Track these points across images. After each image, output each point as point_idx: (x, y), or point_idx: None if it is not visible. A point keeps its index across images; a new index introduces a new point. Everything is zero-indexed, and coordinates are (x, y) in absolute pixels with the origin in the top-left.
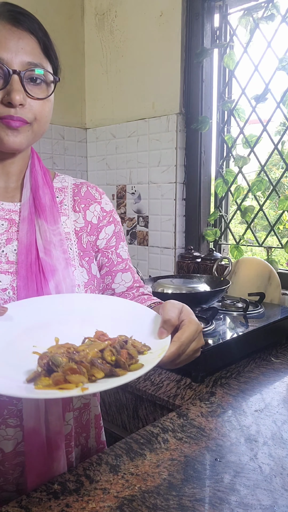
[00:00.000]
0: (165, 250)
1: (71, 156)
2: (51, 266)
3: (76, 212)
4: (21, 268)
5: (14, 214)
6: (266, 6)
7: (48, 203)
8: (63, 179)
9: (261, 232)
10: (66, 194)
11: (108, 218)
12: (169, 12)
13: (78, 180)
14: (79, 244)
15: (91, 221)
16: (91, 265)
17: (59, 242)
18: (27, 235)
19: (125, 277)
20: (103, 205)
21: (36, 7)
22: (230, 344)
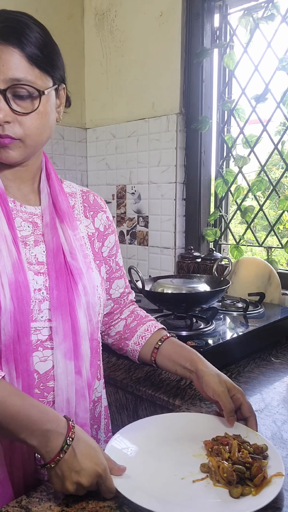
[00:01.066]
0: (165, 250)
1: (71, 156)
2: (78, 269)
3: (87, 218)
4: (51, 270)
5: (36, 217)
6: (266, 6)
7: (67, 209)
8: (70, 184)
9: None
10: (76, 200)
11: (111, 227)
12: (169, 12)
13: (83, 188)
14: (92, 248)
15: (99, 228)
16: (101, 268)
17: (80, 247)
18: (53, 239)
19: (119, 283)
20: (108, 215)
21: (36, 6)
22: (230, 344)
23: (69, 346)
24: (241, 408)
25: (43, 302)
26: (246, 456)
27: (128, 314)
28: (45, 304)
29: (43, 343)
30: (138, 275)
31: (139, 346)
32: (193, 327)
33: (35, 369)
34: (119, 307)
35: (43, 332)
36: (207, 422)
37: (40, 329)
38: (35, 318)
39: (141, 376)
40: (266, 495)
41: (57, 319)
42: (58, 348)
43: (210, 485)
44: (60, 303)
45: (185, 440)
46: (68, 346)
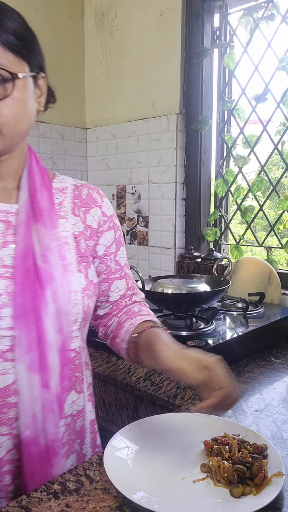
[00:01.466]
0: (165, 250)
1: (71, 156)
2: (48, 273)
3: (75, 215)
4: (18, 273)
5: (11, 216)
6: (266, 6)
7: (46, 207)
8: (63, 179)
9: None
10: (66, 196)
11: (108, 223)
12: (169, 12)
13: (78, 182)
14: (77, 249)
15: (91, 225)
16: (88, 270)
17: (57, 248)
18: (24, 240)
19: (119, 285)
20: (104, 209)
21: (36, 6)
22: (230, 344)
23: (34, 358)
24: None
25: (3, 308)
26: (246, 455)
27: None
28: (5, 311)
29: (4, 354)
30: (138, 275)
31: (124, 343)
32: (193, 327)
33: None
34: (117, 308)
35: (3, 342)
36: (207, 422)
37: (0, 338)
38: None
39: (141, 376)
40: (267, 494)
41: (20, 328)
42: (21, 361)
43: (210, 485)
44: (24, 311)
45: (185, 440)
46: (32, 358)
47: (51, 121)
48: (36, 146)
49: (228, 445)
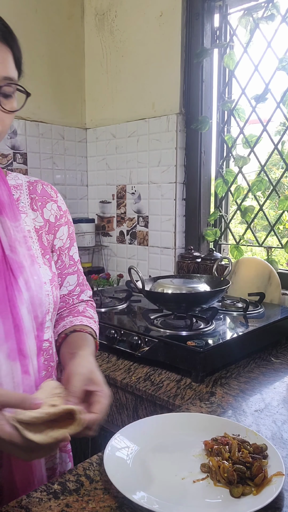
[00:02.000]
0: (165, 250)
1: (71, 156)
2: (18, 263)
3: (34, 210)
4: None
5: None
6: (266, 6)
7: (7, 200)
8: (16, 176)
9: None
10: (21, 192)
11: (64, 218)
12: (169, 12)
13: (31, 178)
14: (40, 242)
15: (49, 219)
16: (51, 263)
17: (23, 239)
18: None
19: (71, 280)
20: (60, 204)
21: (36, 7)
22: (230, 344)
23: (12, 346)
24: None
25: None
26: (246, 455)
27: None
28: None
29: None
30: (138, 275)
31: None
32: (193, 327)
33: None
34: (64, 305)
35: None
36: (207, 422)
37: None
38: None
39: (141, 376)
40: (267, 494)
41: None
42: (0, 350)
43: (210, 485)
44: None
45: (185, 440)
46: (11, 346)
47: (51, 121)
48: (36, 146)
49: (228, 445)
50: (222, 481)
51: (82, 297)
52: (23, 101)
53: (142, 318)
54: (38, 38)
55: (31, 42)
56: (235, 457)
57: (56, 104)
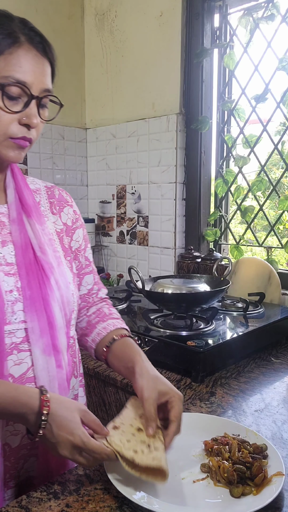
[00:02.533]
0: (165, 250)
1: (71, 156)
2: (48, 263)
3: (53, 214)
4: (21, 268)
5: (3, 216)
6: (266, 6)
7: (32, 204)
8: (33, 180)
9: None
10: (41, 196)
11: (79, 221)
12: (169, 12)
13: (47, 183)
14: (61, 245)
15: (66, 223)
16: (72, 264)
17: (49, 242)
18: (20, 235)
19: (88, 279)
20: (75, 208)
21: (36, 7)
22: (230, 344)
23: (47, 342)
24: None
25: (15, 303)
26: (246, 455)
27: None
28: (18, 306)
29: (18, 345)
30: (138, 275)
31: (94, 344)
32: (193, 327)
33: (9, 373)
34: (86, 305)
35: (17, 335)
36: (207, 422)
37: (14, 331)
38: (9, 321)
39: None
40: (267, 494)
41: (32, 317)
42: (36, 345)
43: (210, 485)
44: (34, 301)
45: (185, 440)
46: (46, 342)
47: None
48: (36, 146)
49: (228, 445)
50: (222, 481)
51: (100, 294)
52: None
53: (142, 318)
54: None
55: None
56: (235, 457)
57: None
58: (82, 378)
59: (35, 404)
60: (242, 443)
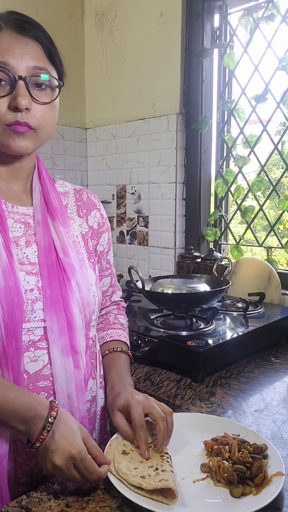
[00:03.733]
0: (165, 250)
1: (71, 156)
2: (70, 265)
3: (80, 217)
4: (43, 269)
5: (28, 217)
6: (266, 6)
7: (58, 207)
8: (63, 184)
9: (261, 232)
10: (69, 199)
11: (106, 225)
12: (169, 12)
13: (76, 186)
14: (86, 247)
15: (92, 226)
16: (95, 266)
17: (73, 244)
18: (44, 237)
19: (105, 281)
20: (102, 212)
21: (36, 6)
22: (230, 344)
23: (66, 342)
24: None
25: (36, 302)
26: (246, 455)
27: (102, 315)
28: (38, 304)
29: (36, 343)
30: (138, 275)
31: None
32: (193, 327)
33: (25, 369)
34: None
35: (36, 333)
36: (207, 422)
37: (33, 329)
38: (28, 319)
39: (141, 376)
40: (267, 494)
41: (51, 317)
42: (55, 345)
43: (211, 485)
44: (54, 302)
45: (185, 440)
46: (64, 342)
47: None
48: None
49: (228, 445)
50: (222, 481)
51: (114, 298)
52: None
53: (142, 318)
54: None
55: None
56: (235, 457)
57: None
58: (102, 380)
59: (45, 409)
60: (242, 443)
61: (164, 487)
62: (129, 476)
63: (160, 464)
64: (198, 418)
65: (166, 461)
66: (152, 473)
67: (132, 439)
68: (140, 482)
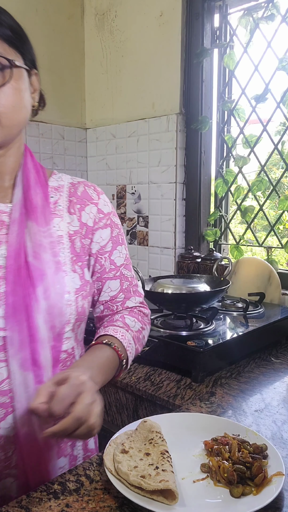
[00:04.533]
0: (165, 250)
1: (71, 156)
2: (40, 270)
3: (71, 214)
4: (9, 273)
5: (5, 215)
6: (266, 6)
7: (40, 203)
8: (60, 177)
9: (261, 232)
10: (61, 194)
11: (105, 220)
12: (169, 12)
13: (75, 179)
14: (72, 249)
15: (86, 223)
16: (84, 270)
17: (49, 245)
18: (16, 238)
19: (112, 285)
20: (101, 206)
21: (36, 6)
22: (230, 344)
23: (26, 356)
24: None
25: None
26: (246, 455)
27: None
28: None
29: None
30: (138, 275)
31: None
32: (193, 327)
33: None
34: (110, 312)
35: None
36: (207, 422)
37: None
38: None
39: (141, 376)
40: (267, 494)
41: (12, 327)
42: (14, 359)
43: (210, 485)
44: (16, 310)
45: (184, 440)
46: (25, 356)
47: (51, 121)
48: (36, 146)
49: (228, 445)
50: (222, 481)
51: (128, 303)
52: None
53: None
54: (38, 38)
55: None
56: (235, 457)
57: (56, 104)
58: None
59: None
60: (242, 443)
61: (164, 488)
62: (129, 476)
63: (161, 462)
64: (198, 418)
65: (167, 460)
66: (152, 472)
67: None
68: (140, 482)
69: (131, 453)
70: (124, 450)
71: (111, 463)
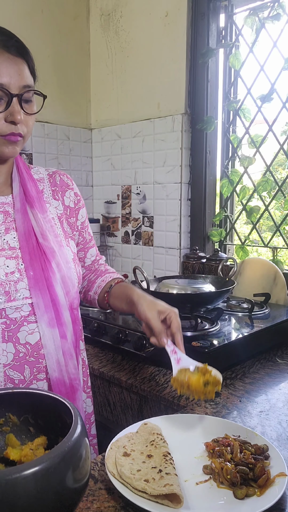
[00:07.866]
0: (170, 250)
1: (76, 157)
2: (50, 249)
3: (56, 199)
4: (24, 252)
5: (7, 206)
6: (272, 5)
7: (35, 194)
8: (37, 170)
9: (266, 233)
10: (44, 184)
11: (81, 201)
12: (174, 12)
13: (50, 170)
14: (62, 228)
15: (69, 205)
16: (70, 243)
17: (51, 228)
18: (23, 224)
19: (92, 252)
20: (75, 190)
21: (42, 7)
22: (235, 345)
23: (51, 316)
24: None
25: (18, 282)
26: (249, 457)
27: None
28: (20, 284)
29: (27, 318)
30: (143, 275)
31: (96, 295)
32: (198, 328)
33: (26, 341)
34: (89, 272)
35: (24, 309)
36: (206, 424)
37: (20, 306)
38: (14, 298)
39: (145, 376)
40: (271, 495)
41: (36, 295)
42: (42, 319)
43: (214, 487)
44: (37, 281)
45: (185, 442)
46: (50, 316)
47: (57, 121)
48: (41, 146)
49: (230, 446)
50: (225, 483)
51: (101, 262)
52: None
53: None
54: (44, 39)
55: (36, 42)
56: (237, 459)
57: (61, 104)
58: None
59: None
60: (243, 444)
61: (169, 492)
62: (133, 480)
63: (164, 465)
64: (198, 419)
65: (170, 462)
66: (156, 476)
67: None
68: (144, 487)
69: (133, 456)
70: (126, 453)
71: (113, 467)
